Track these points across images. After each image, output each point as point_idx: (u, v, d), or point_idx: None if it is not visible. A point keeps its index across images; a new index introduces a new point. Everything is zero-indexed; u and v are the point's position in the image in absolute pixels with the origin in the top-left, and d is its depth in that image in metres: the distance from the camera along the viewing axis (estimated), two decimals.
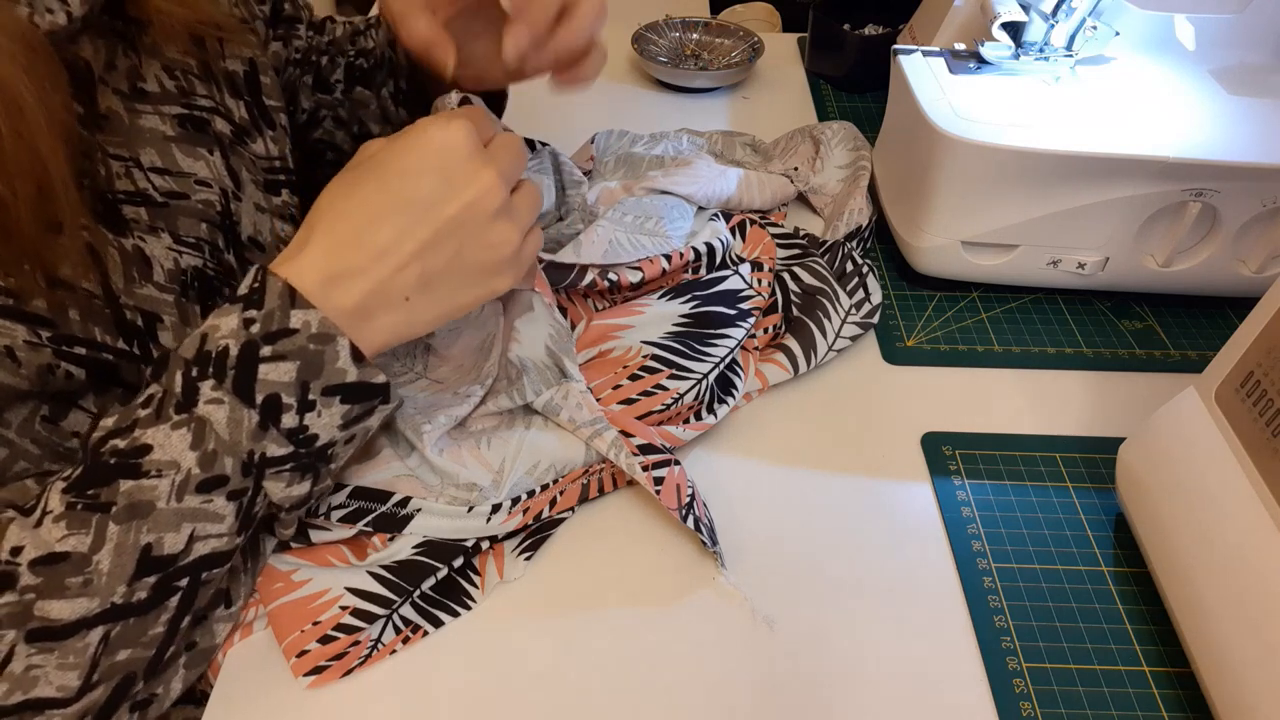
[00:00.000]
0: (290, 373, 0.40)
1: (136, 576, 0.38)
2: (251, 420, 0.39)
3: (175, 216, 0.49)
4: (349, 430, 0.42)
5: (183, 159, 0.51)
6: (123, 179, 0.47)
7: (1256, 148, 0.58)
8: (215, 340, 0.40)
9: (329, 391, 0.41)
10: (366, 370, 0.41)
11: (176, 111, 0.51)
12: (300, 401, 0.40)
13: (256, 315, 0.40)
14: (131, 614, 0.38)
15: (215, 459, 0.39)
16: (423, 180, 0.42)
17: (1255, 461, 0.42)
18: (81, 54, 0.46)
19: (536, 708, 0.44)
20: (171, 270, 0.48)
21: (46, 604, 0.37)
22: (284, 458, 0.41)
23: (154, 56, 0.51)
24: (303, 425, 0.40)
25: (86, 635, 0.37)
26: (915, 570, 0.50)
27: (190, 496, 0.39)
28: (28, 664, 0.36)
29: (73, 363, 0.43)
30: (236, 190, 0.54)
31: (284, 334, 0.40)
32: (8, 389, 0.41)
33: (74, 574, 0.37)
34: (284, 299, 0.40)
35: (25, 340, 0.41)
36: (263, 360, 0.39)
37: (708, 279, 0.60)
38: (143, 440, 0.39)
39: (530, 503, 0.50)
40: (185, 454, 0.38)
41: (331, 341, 0.40)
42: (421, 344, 0.54)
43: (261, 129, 0.57)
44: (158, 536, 0.38)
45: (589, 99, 0.59)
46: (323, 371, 0.40)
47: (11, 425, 0.42)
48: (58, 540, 0.37)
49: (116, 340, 0.44)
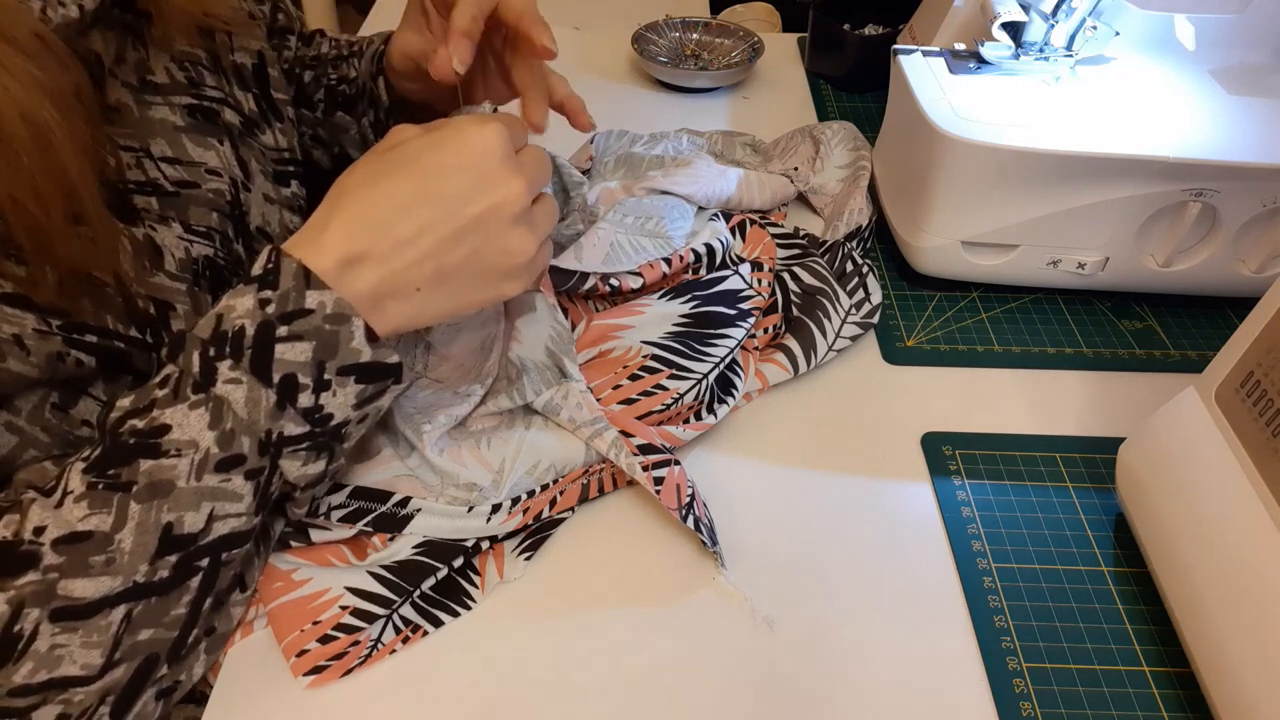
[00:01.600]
0: (306, 353, 0.40)
1: (158, 555, 0.38)
2: (269, 400, 0.39)
3: (186, 206, 0.50)
4: (363, 410, 0.43)
5: (193, 148, 0.51)
6: (133, 169, 0.47)
7: (1256, 148, 0.58)
8: (231, 320, 0.40)
9: (344, 371, 0.41)
10: (381, 350, 0.42)
11: (186, 102, 0.51)
12: (316, 381, 0.40)
13: (272, 296, 0.40)
14: (153, 593, 0.38)
15: (233, 438, 0.39)
16: (455, 178, 0.42)
17: (1255, 461, 0.42)
18: (92, 47, 0.46)
19: (536, 707, 0.44)
20: (183, 259, 0.48)
21: (70, 583, 0.37)
22: (300, 437, 0.41)
23: (163, 49, 0.51)
24: (318, 405, 0.41)
25: (109, 614, 0.37)
26: (915, 570, 0.50)
27: (209, 475, 0.39)
28: (52, 643, 0.37)
29: (83, 350, 0.43)
30: (246, 180, 0.54)
31: (300, 314, 0.40)
32: (17, 377, 0.41)
33: (96, 553, 0.37)
34: (299, 280, 0.40)
35: (35, 329, 0.41)
36: (279, 340, 0.40)
37: (708, 279, 0.60)
38: (161, 420, 0.39)
39: (530, 503, 0.50)
40: (204, 433, 0.39)
41: (347, 322, 0.40)
42: (422, 343, 0.54)
43: (270, 121, 0.58)
44: (178, 515, 0.39)
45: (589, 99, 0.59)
46: (338, 352, 0.40)
47: (22, 413, 0.42)
48: (79, 520, 0.37)
49: (129, 328, 0.45)
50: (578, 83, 0.58)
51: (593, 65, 0.95)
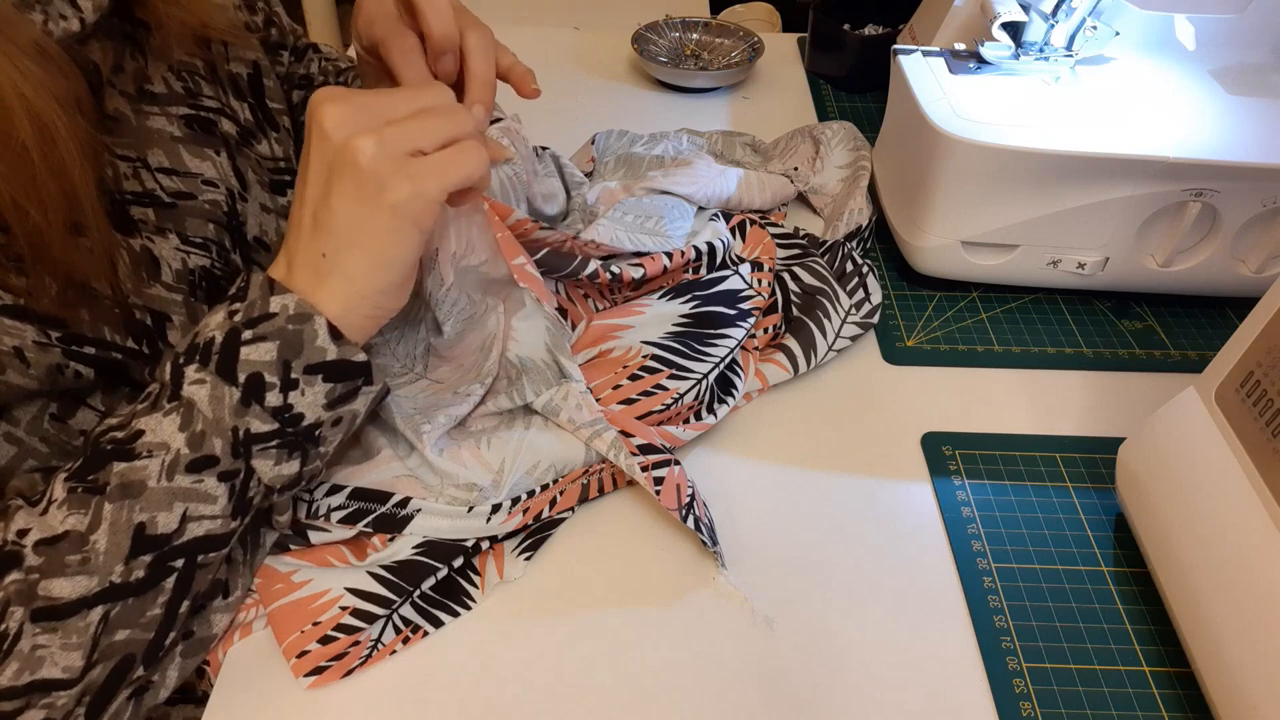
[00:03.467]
0: (271, 352, 0.41)
1: (132, 555, 0.39)
2: (233, 396, 0.40)
3: (183, 217, 0.50)
4: (334, 411, 0.43)
5: (190, 159, 0.51)
6: (130, 180, 0.48)
7: (1256, 148, 0.58)
8: (204, 334, 0.41)
9: (311, 370, 0.41)
10: (346, 348, 0.42)
11: (183, 112, 0.51)
12: (283, 380, 0.41)
13: (240, 306, 0.41)
14: (129, 594, 0.39)
15: (203, 439, 0.40)
16: (324, 147, 0.42)
17: (1255, 461, 0.42)
18: (91, 56, 0.46)
19: (536, 707, 0.44)
20: (179, 270, 0.49)
21: (50, 583, 0.38)
22: (269, 434, 0.41)
23: (160, 58, 0.51)
24: (287, 404, 0.41)
25: (88, 615, 0.38)
26: (915, 570, 0.50)
27: (181, 476, 0.40)
28: (34, 643, 0.37)
29: (82, 362, 0.44)
30: (243, 191, 0.54)
31: (264, 318, 0.41)
32: (16, 389, 0.42)
33: (73, 552, 0.38)
34: (264, 289, 0.41)
35: (34, 340, 0.41)
36: (244, 343, 0.40)
37: (708, 279, 0.60)
38: (136, 427, 0.40)
39: (530, 503, 0.50)
40: (175, 435, 0.40)
41: (309, 320, 0.41)
42: (423, 344, 0.54)
43: (266, 131, 0.58)
44: (150, 515, 0.39)
45: (589, 99, 0.59)
46: (302, 350, 0.41)
47: (20, 423, 0.43)
48: (59, 522, 0.39)
49: (126, 340, 0.45)
50: (578, 82, 0.58)
51: (593, 65, 0.95)
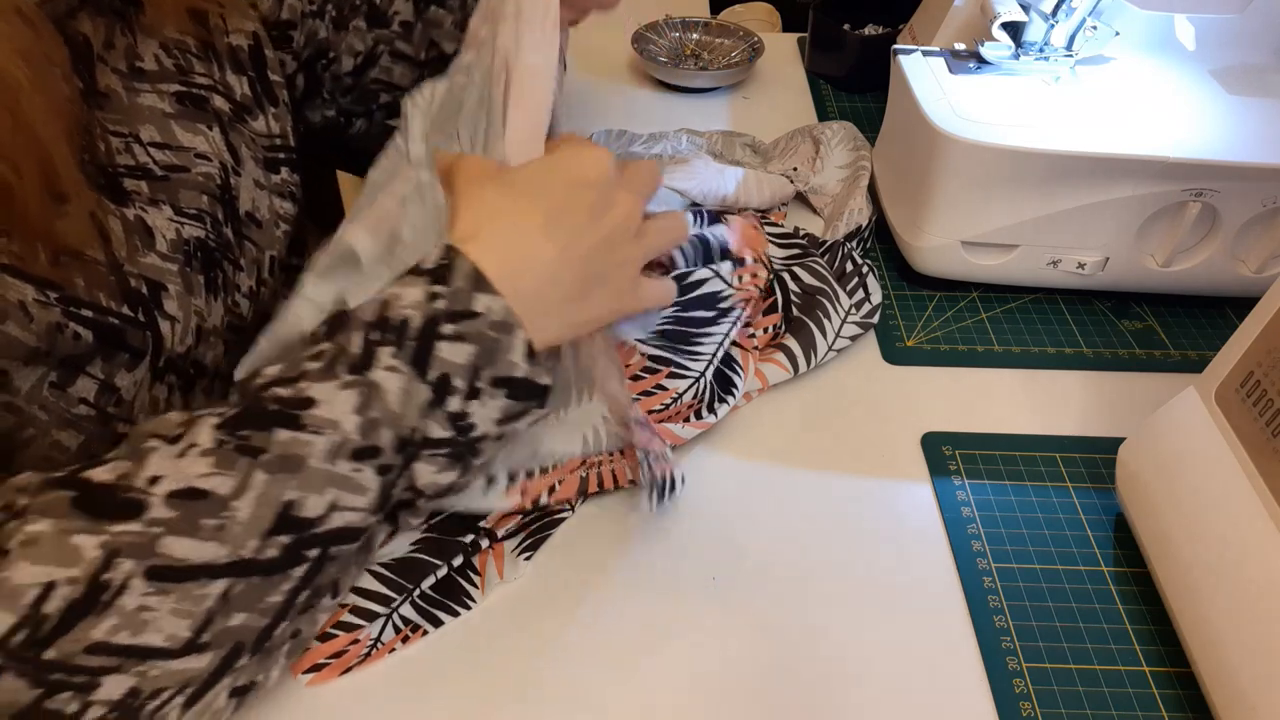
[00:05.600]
0: (467, 355, 0.40)
1: (271, 533, 0.37)
2: (424, 396, 0.39)
3: (175, 189, 0.50)
4: (501, 428, 0.42)
5: (182, 134, 0.51)
6: (123, 154, 0.48)
7: (1256, 148, 0.58)
8: (398, 309, 0.39)
9: (497, 383, 0.41)
10: (535, 369, 0.42)
11: (175, 89, 0.52)
12: (469, 387, 0.40)
13: (443, 291, 0.40)
14: (256, 572, 0.37)
15: (375, 428, 0.38)
16: (585, 194, 0.44)
17: (1255, 461, 0.42)
18: (81, 30, 0.46)
19: (536, 708, 0.44)
20: (174, 240, 0.48)
21: (175, 541, 0.35)
22: (442, 441, 0.40)
23: (151, 35, 0.51)
24: (464, 412, 0.40)
25: (208, 585, 0.35)
26: (915, 570, 0.50)
27: (343, 461, 0.38)
28: (141, 602, 0.34)
29: (80, 324, 0.43)
30: (236, 166, 0.54)
31: (467, 315, 0.40)
32: (19, 344, 0.40)
33: (210, 515, 0.36)
34: (470, 280, 0.40)
35: (35, 299, 0.41)
36: (442, 338, 0.39)
37: (687, 284, 0.59)
38: (308, 393, 0.38)
39: (528, 484, 0.50)
40: (348, 416, 0.38)
41: (511, 332, 0.40)
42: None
43: (264, 105, 0.57)
44: (301, 496, 0.37)
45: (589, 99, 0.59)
46: (496, 361, 0.40)
47: (20, 391, 0.41)
48: (199, 475, 0.36)
49: (121, 306, 0.45)
50: (578, 82, 0.58)
51: (593, 65, 0.95)
